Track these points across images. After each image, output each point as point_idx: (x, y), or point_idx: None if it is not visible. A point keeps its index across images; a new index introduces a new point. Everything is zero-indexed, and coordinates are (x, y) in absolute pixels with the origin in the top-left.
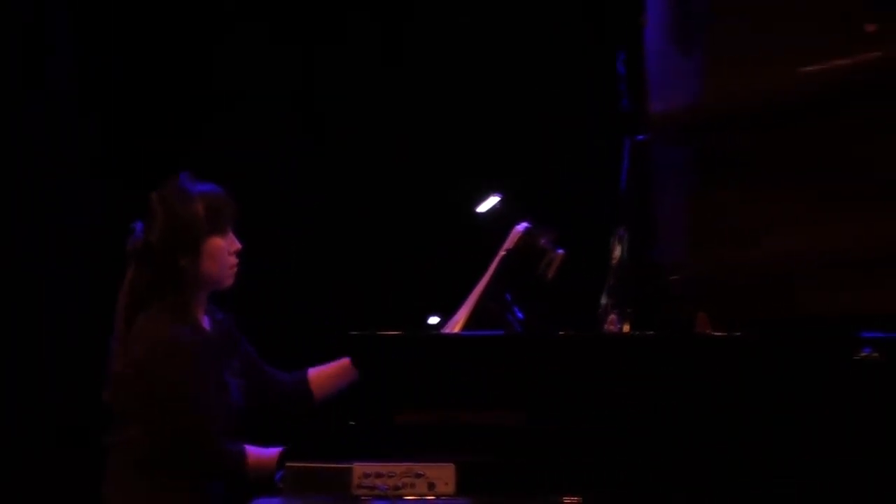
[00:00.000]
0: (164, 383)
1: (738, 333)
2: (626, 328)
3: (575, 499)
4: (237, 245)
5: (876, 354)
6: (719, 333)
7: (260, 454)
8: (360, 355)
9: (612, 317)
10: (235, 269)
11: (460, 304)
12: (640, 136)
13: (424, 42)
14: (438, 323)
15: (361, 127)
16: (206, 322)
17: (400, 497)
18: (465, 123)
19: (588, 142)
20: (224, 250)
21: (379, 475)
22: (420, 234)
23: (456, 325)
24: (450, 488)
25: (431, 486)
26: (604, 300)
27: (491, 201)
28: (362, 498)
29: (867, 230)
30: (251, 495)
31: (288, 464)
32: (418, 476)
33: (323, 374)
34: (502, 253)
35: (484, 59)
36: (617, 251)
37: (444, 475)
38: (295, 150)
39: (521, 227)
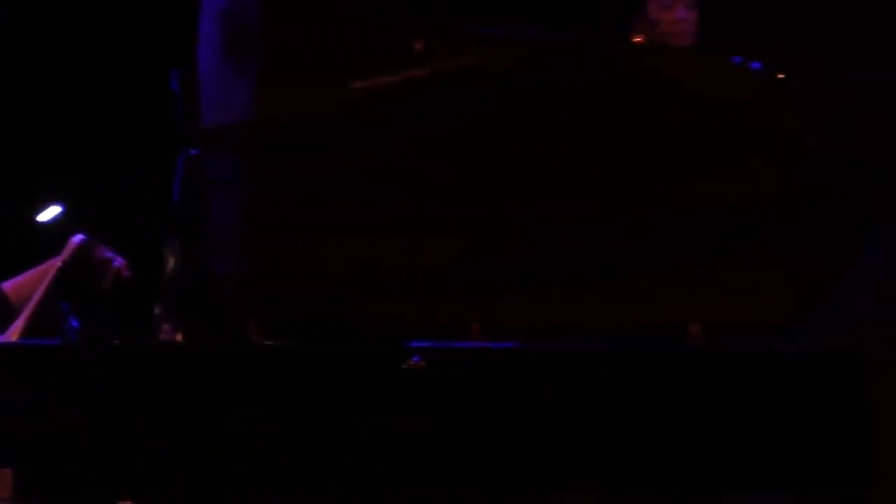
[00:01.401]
0: None
1: (289, 342)
2: (179, 337)
3: (128, 501)
4: None
5: (423, 363)
6: (270, 342)
7: None
8: None
9: (166, 326)
10: None
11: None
12: (193, 151)
13: None
14: None
15: None
16: None
17: None
18: (25, 133)
19: (144, 155)
20: None
21: None
22: None
23: (13, 333)
24: (7, 492)
25: None
26: (157, 310)
27: (52, 211)
28: None
29: (417, 244)
30: None
31: None
32: None
33: (21, 285)
34: (58, 264)
35: (41, 69)
36: (170, 261)
37: (1, 480)
38: None
39: (77, 238)
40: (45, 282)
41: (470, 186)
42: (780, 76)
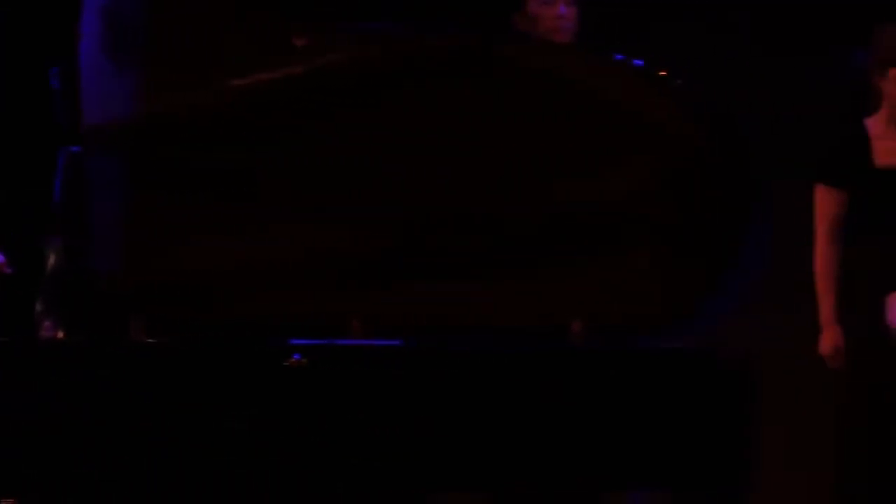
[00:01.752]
0: None
1: (170, 339)
2: (61, 334)
3: (10, 500)
4: None
5: (304, 361)
6: (151, 340)
7: None
8: None
9: (47, 323)
10: None
11: None
12: (75, 148)
13: None
14: None
15: None
16: None
17: None
18: None
19: (25, 152)
20: None
21: None
22: None
23: None
24: None
25: None
26: (39, 307)
27: None
28: None
29: (298, 241)
30: None
31: None
32: None
33: None
34: None
35: None
36: (51, 259)
37: None
38: None
39: None
40: None
41: (351, 184)
42: (662, 74)
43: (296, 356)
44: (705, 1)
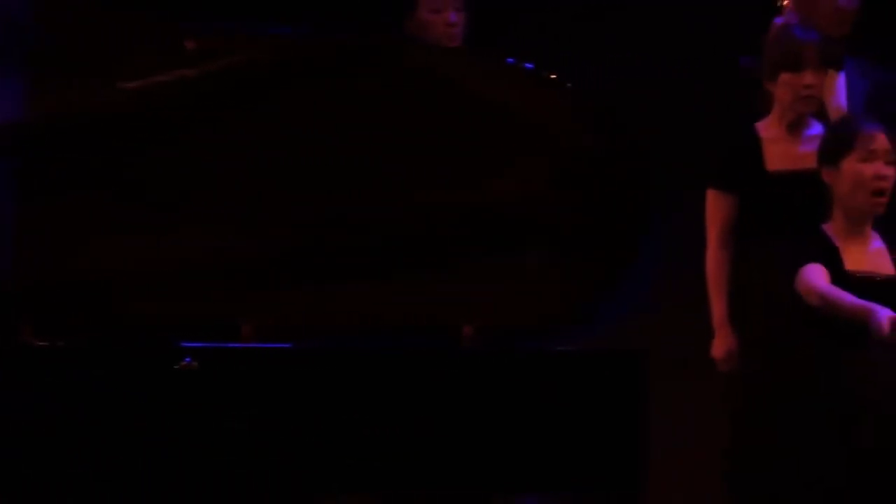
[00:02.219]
0: None
1: (61, 342)
2: None
3: None
4: None
5: (195, 364)
6: (42, 342)
7: None
8: None
9: None
10: None
11: None
12: None
13: None
14: None
15: None
16: None
17: None
18: None
19: None
20: None
21: None
22: None
23: None
24: None
25: None
26: None
27: None
28: None
29: (188, 244)
30: None
31: None
32: None
33: None
34: None
35: None
36: None
37: None
38: None
39: None
40: None
41: (241, 186)
42: (552, 77)
43: (187, 359)
44: (598, 4)
